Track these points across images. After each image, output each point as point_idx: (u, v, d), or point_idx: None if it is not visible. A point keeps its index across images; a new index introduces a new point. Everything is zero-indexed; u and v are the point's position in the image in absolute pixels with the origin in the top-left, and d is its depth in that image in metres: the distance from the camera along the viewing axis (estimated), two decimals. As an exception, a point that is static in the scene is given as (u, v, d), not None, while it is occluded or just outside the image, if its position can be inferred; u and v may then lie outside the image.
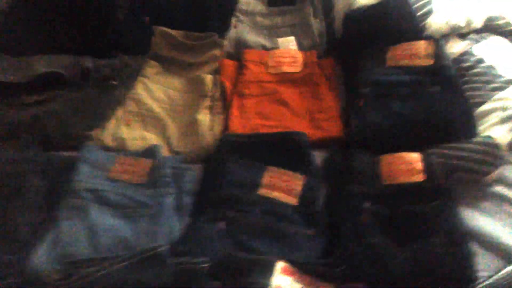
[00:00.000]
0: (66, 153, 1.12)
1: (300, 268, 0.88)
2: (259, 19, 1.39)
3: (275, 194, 1.02)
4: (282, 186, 1.03)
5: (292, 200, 1.01)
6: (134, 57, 1.30)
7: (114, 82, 1.25)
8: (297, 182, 1.03)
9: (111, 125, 1.17)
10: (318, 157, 1.11)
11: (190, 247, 0.93)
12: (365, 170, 1.04)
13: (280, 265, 0.87)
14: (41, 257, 0.92)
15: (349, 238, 0.93)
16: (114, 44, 1.35)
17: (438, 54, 1.17)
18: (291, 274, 0.87)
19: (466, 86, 1.16)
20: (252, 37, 1.34)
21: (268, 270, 0.86)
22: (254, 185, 1.03)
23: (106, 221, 0.98)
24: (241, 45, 1.33)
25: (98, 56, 1.29)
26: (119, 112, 1.20)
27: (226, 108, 1.21)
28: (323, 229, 0.98)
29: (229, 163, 1.05)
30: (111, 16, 1.40)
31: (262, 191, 1.02)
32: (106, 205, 1.00)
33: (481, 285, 0.88)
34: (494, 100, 1.12)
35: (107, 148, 1.13)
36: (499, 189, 1.04)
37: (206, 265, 0.88)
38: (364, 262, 0.90)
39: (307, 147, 1.08)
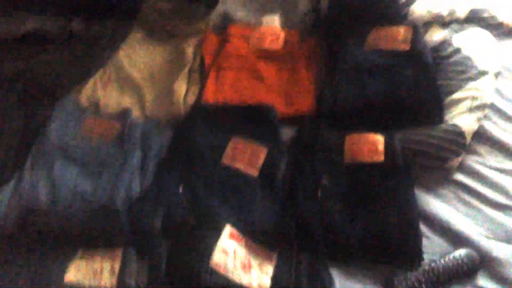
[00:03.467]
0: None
1: (250, 231, 0.90)
2: (247, -5, 1.40)
3: (237, 165, 1.04)
4: (244, 158, 1.05)
5: (253, 172, 1.03)
6: (122, 21, 1.32)
7: (102, 43, 1.27)
8: (259, 154, 1.05)
9: (89, 86, 1.20)
10: (290, 133, 1.12)
11: (149, 206, 0.96)
12: (329, 145, 1.06)
13: (228, 229, 0.89)
14: (1, 202, 0.96)
15: (303, 206, 0.95)
16: (104, 7, 1.36)
17: (415, 40, 1.18)
18: (238, 239, 0.89)
19: (441, 73, 1.16)
20: (239, 13, 1.35)
21: (216, 233, 0.88)
22: (218, 153, 1.05)
23: (68, 176, 1.01)
24: (227, 20, 1.34)
25: (87, 17, 1.31)
26: (98, 75, 1.22)
27: (202, 79, 1.23)
28: (278, 195, 0.99)
29: (197, 130, 1.07)
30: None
31: (226, 161, 1.05)
32: (71, 160, 1.04)
33: (426, 267, 0.90)
34: (466, 90, 1.12)
35: (82, 108, 1.16)
36: (461, 177, 1.05)
37: (158, 223, 0.91)
38: (316, 230, 0.92)
39: (274, 120, 1.09)
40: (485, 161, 1.07)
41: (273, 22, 1.31)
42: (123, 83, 1.22)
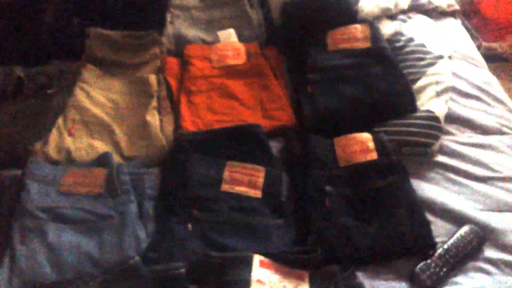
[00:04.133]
0: (10, 172, 1.03)
1: (276, 259, 0.89)
2: (195, 13, 1.37)
3: (238, 189, 1.02)
4: (244, 180, 1.03)
5: (256, 193, 1.02)
6: (69, 62, 1.23)
7: (50, 91, 1.17)
8: (258, 174, 1.04)
9: (54, 136, 1.10)
10: (273, 147, 1.12)
11: (162, 253, 0.91)
12: (322, 154, 1.07)
13: (257, 258, 0.87)
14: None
15: (318, 223, 0.96)
16: (45, 49, 1.27)
17: (374, 36, 1.23)
18: (269, 266, 0.88)
19: (401, 64, 1.23)
20: (191, 32, 1.32)
21: (246, 265, 0.86)
22: (216, 181, 1.03)
23: (66, 239, 0.93)
24: (180, 41, 1.30)
25: (30, 64, 1.20)
26: (60, 122, 1.13)
27: (174, 107, 1.18)
28: (289, 218, 1.00)
29: (190, 163, 1.04)
30: (38, 19, 1.30)
31: (225, 187, 1.02)
32: (64, 222, 0.95)
33: (440, 250, 0.95)
34: (428, 75, 1.20)
35: (53, 162, 1.07)
36: (442, 159, 1.12)
37: (182, 270, 0.87)
38: (336, 243, 0.94)
39: (264, 138, 1.09)
40: (458, 139, 1.16)
41: (230, 36, 1.30)
42: (90, 125, 1.14)
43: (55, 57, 1.25)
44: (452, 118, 1.18)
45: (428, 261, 0.94)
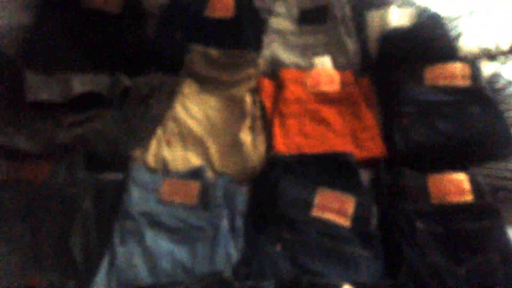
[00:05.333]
0: (111, 175, 1.09)
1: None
2: (291, 38, 1.40)
3: (328, 215, 1.03)
4: (334, 207, 1.04)
5: (345, 222, 1.02)
6: (170, 76, 1.29)
7: (152, 101, 1.23)
8: (348, 202, 1.04)
9: (153, 145, 1.16)
10: (362, 176, 1.12)
11: (253, 270, 0.93)
12: (414, 188, 1.06)
13: (346, 287, 0.88)
14: (100, 284, 0.91)
15: (411, 257, 0.95)
16: (147, 61, 1.33)
17: (475, 75, 1.21)
18: (358, 297, 0.88)
19: (500, 106, 1.20)
20: (286, 56, 1.35)
21: (334, 291, 0.87)
22: (307, 205, 1.04)
23: (162, 245, 0.97)
24: (275, 64, 1.33)
25: (132, 74, 1.27)
26: (160, 132, 1.19)
27: (266, 127, 1.21)
28: (379, 250, 0.99)
29: (282, 184, 1.06)
30: (143, 33, 1.38)
31: (315, 212, 1.03)
32: (160, 229, 1.00)
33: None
34: (528, 120, 1.16)
35: (150, 168, 1.12)
36: (540, 207, 1.08)
37: (272, 287, 0.88)
38: (427, 281, 0.92)
39: (356, 167, 1.09)
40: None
41: (326, 63, 1.32)
42: (186, 137, 1.19)
43: (156, 69, 1.31)
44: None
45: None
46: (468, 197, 1.04)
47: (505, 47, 1.33)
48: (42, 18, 1.37)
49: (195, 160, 1.15)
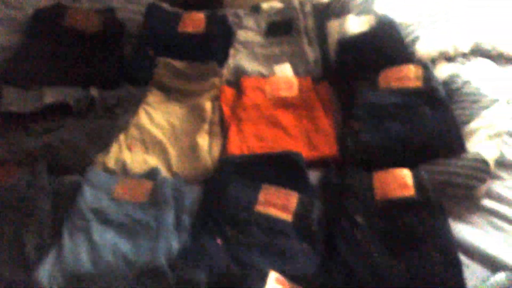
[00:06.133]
0: (71, 177, 1.16)
1: (294, 280, 0.91)
2: (257, 49, 1.46)
3: (271, 211, 1.06)
4: (277, 203, 1.06)
5: (287, 217, 1.05)
6: (137, 86, 1.37)
7: (118, 111, 1.30)
8: (291, 199, 1.07)
9: (114, 149, 1.22)
10: (313, 176, 1.15)
11: (189, 261, 0.97)
12: (358, 186, 1.08)
13: (273, 275, 0.89)
14: (44, 273, 0.96)
15: (346, 252, 0.96)
16: (120, 75, 1.42)
17: (427, 76, 1.23)
18: (284, 284, 0.89)
19: (455, 105, 1.21)
20: (250, 65, 1.41)
21: (261, 279, 0.89)
22: (250, 202, 1.07)
23: (107, 239, 1.02)
24: (239, 73, 1.39)
25: (104, 86, 1.35)
26: (122, 138, 1.25)
27: (224, 132, 1.26)
28: (318, 244, 1.01)
29: (229, 183, 1.09)
30: (120, 51, 1.48)
31: (259, 208, 1.06)
32: (108, 224, 1.05)
33: (470, 295, 0.90)
34: (481, 118, 1.16)
35: (110, 171, 1.18)
36: (488, 203, 1.08)
37: (203, 278, 0.91)
38: (361, 274, 0.93)
39: (302, 166, 1.12)
40: (509, 184, 1.10)
41: (285, 70, 1.37)
42: (147, 143, 1.25)
43: (127, 81, 1.39)
44: (504, 163, 1.14)
45: (457, 304, 0.89)
46: (410, 192, 1.04)
47: (464, 49, 1.34)
48: (28, 38, 1.49)
49: (154, 163, 1.20)
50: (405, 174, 1.07)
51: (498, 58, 1.38)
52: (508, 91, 1.24)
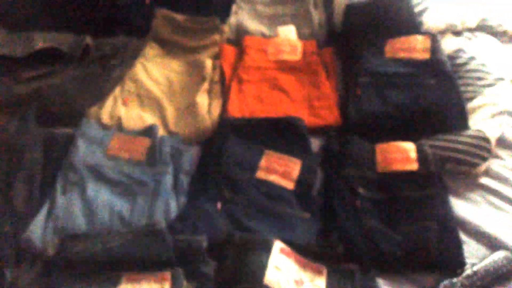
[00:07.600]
0: (63, 129, 1.11)
1: (296, 249, 0.90)
2: (259, 7, 1.40)
3: (272, 178, 1.04)
4: (279, 170, 1.05)
5: (289, 184, 1.03)
6: (134, 38, 1.30)
7: (113, 61, 1.24)
8: (293, 166, 1.05)
9: (109, 103, 1.17)
10: (314, 143, 1.13)
11: (189, 225, 0.94)
12: (361, 156, 1.06)
13: (278, 245, 0.88)
14: (36, 230, 0.92)
15: (345, 221, 0.95)
16: (115, 23, 1.34)
17: (434, 48, 1.20)
18: (289, 255, 0.89)
19: (459, 81, 1.19)
20: (253, 24, 1.35)
21: (266, 249, 0.87)
22: (252, 167, 1.05)
23: (103, 197, 0.98)
24: (241, 32, 1.33)
25: (99, 35, 1.28)
26: (117, 91, 1.20)
27: (224, 92, 1.22)
28: (317, 213, 1.00)
29: (229, 145, 1.06)
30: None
31: (260, 174, 1.04)
32: (103, 182, 1.01)
33: (469, 271, 0.92)
34: (485, 96, 1.16)
35: (104, 126, 1.13)
36: (486, 181, 1.08)
37: (204, 243, 0.89)
38: (359, 244, 0.93)
39: (305, 132, 1.10)
40: (508, 164, 1.11)
41: (290, 33, 1.32)
42: (143, 98, 1.20)
43: (123, 32, 1.32)
44: (504, 143, 1.14)
45: (454, 280, 0.91)
46: (413, 166, 1.04)
47: (471, 24, 1.32)
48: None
49: (150, 120, 1.16)
50: (409, 148, 1.06)
51: (503, 36, 1.37)
52: (511, 70, 1.24)
